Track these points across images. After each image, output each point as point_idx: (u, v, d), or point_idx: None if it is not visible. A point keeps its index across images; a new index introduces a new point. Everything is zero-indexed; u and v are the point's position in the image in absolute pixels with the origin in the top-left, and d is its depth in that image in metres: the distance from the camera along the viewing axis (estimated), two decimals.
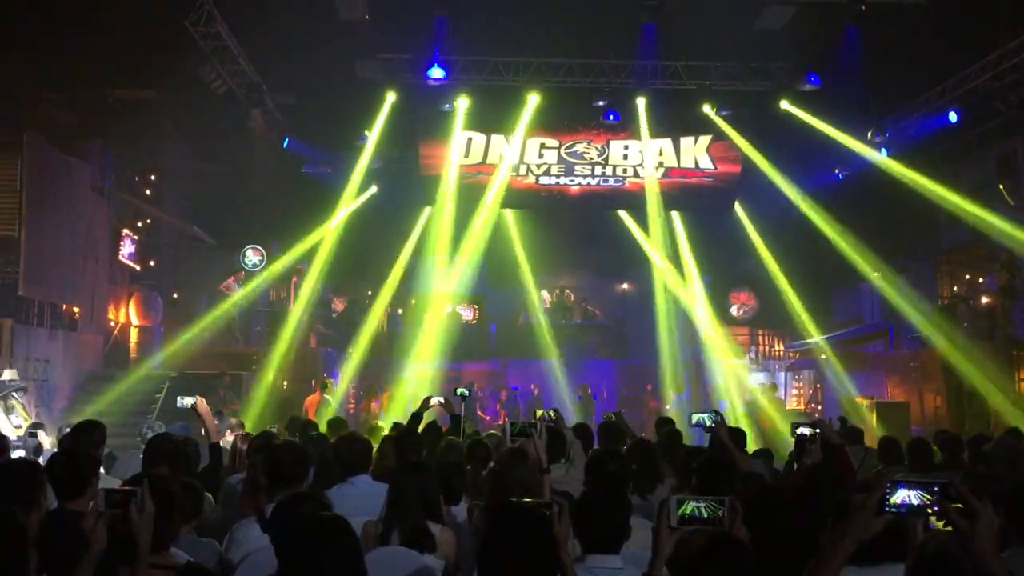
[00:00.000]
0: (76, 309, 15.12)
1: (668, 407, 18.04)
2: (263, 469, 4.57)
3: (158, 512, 3.13)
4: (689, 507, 3.22)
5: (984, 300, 17.28)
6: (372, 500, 4.55)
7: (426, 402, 7.86)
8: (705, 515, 3.19)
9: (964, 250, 18.58)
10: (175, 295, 19.01)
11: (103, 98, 15.93)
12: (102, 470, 5.48)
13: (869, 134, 17.61)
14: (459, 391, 9.00)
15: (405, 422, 8.07)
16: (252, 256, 19.09)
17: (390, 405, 17.29)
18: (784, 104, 17.86)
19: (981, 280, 17.83)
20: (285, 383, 17.18)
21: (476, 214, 20.51)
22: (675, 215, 21.42)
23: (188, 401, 6.62)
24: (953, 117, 16.73)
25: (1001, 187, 17.04)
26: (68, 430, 7.53)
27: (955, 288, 18.81)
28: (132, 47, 13.82)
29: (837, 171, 19.60)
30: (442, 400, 8.12)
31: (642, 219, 20.89)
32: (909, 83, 16.95)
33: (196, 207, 19.57)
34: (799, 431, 5.75)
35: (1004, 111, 16.26)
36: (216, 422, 7.94)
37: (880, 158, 17.93)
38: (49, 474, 4.26)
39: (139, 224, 17.87)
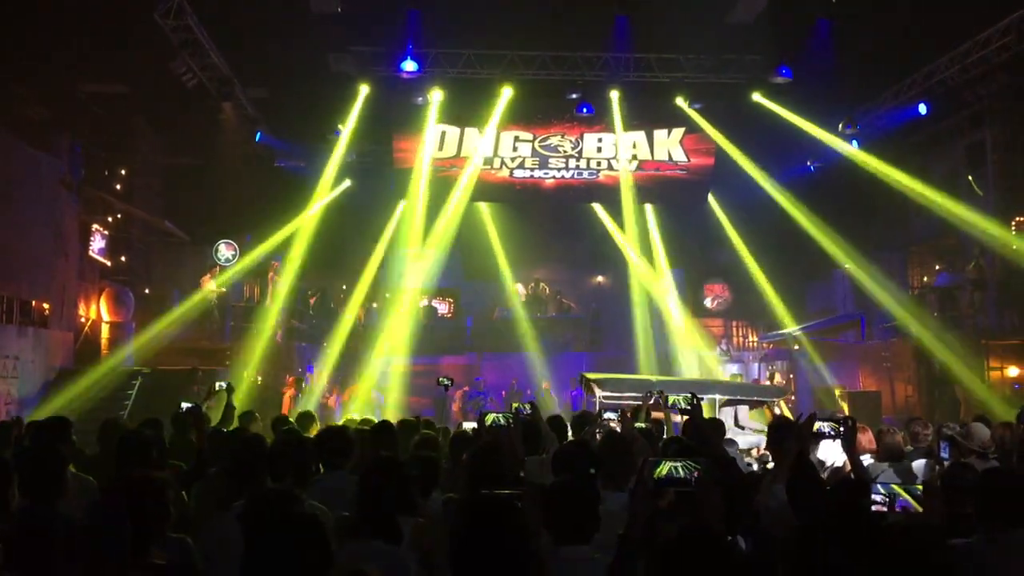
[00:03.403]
0: (46, 305, 14.95)
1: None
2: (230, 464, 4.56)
3: (137, 516, 3.11)
4: (666, 468, 3.24)
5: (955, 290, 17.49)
6: (350, 494, 4.54)
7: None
8: (681, 475, 3.22)
9: (934, 240, 18.80)
10: (147, 290, 18.84)
11: (72, 92, 15.74)
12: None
13: (840, 126, 17.75)
14: (441, 380, 9.07)
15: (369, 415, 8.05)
16: (225, 250, 18.96)
17: (352, 398, 17.31)
18: (756, 96, 17.97)
19: (939, 268, 18.08)
20: (259, 378, 17.10)
21: (450, 207, 20.50)
22: (648, 208, 21.50)
23: (186, 406, 7.05)
24: (923, 109, 16.92)
25: (970, 178, 17.25)
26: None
27: (925, 278, 19.02)
28: (101, 40, 13.67)
29: (809, 163, 19.74)
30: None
31: (616, 212, 20.95)
32: (879, 75, 17.11)
33: (167, 202, 19.40)
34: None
35: (972, 103, 16.46)
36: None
37: (850, 150, 18.08)
38: (19, 474, 4.21)
39: (109, 219, 17.67)
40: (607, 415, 6.88)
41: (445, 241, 21.58)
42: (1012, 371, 15.32)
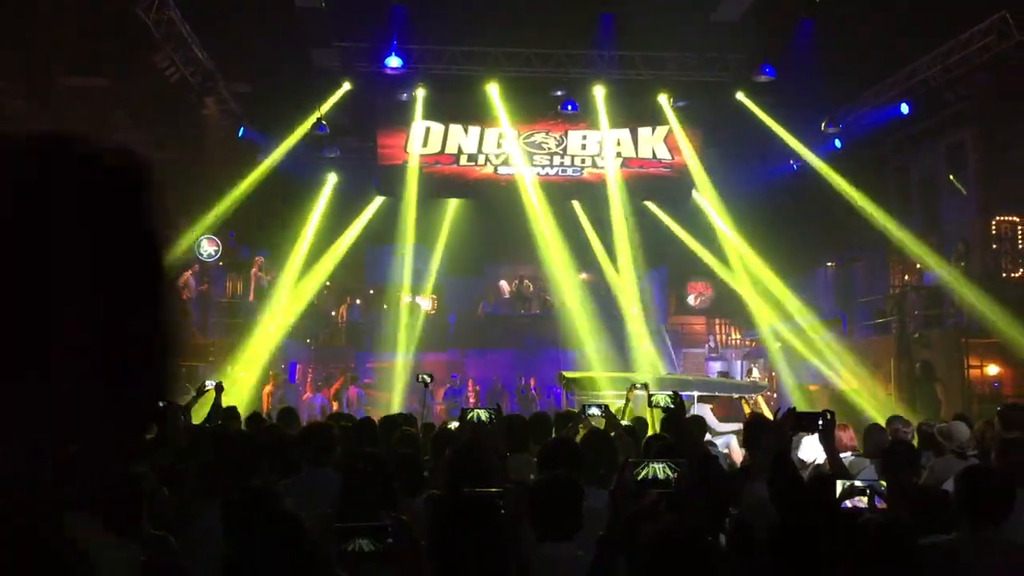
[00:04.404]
0: None
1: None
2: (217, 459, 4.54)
3: (111, 512, 3.09)
4: (646, 470, 3.25)
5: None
6: (333, 491, 4.53)
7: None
8: (662, 477, 3.23)
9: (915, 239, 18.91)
10: None
11: (52, 86, 15.60)
12: None
13: (823, 125, 17.83)
14: (421, 377, 9.06)
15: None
16: (207, 246, 18.85)
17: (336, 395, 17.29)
18: (740, 95, 18.03)
19: (919, 266, 18.19)
20: (243, 374, 17.02)
21: (434, 204, 20.45)
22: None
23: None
24: (904, 109, 17.01)
25: (951, 178, 17.37)
26: None
27: (906, 277, 19.13)
28: (82, 33, 13.54)
29: (792, 162, 19.82)
30: None
31: (598, 210, 20.96)
32: (862, 75, 17.20)
33: None
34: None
35: (954, 102, 16.56)
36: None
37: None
38: None
39: None
40: (591, 411, 6.89)
41: (429, 238, 21.59)
42: (992, 369, 15.45)
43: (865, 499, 4.00)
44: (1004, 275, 16.15)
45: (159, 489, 5.01)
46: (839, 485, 3.97)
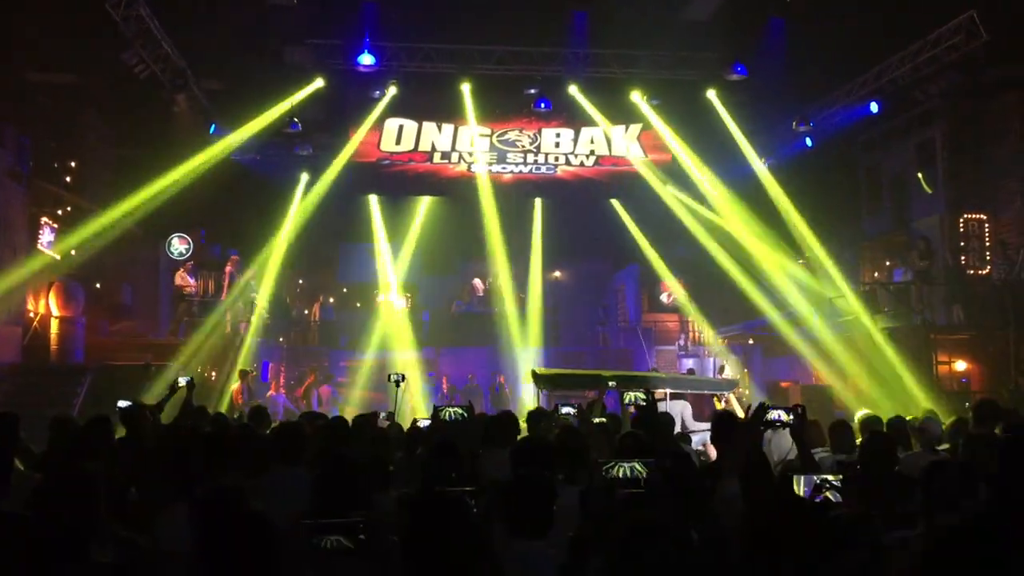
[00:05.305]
0: None
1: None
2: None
3: (68, 512, 3.06)
4: (617, 469, 3.29)
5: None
6: (304, 491, 4.52)
7: None
8: (632, 476, 3.27)
9: (885, 237, 19.11)
10: (97, 285, 18.50)
11: (20, 82, 15.41)
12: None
13: (794, 123, 17.97)
14: (392, 376, 9.04)
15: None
16: (178, 244, 18.71)
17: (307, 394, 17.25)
18: (711, 93, 18.12)
19: (889, 264, 18.37)
20: (213, 373, 16.90)
21: (407, 202, 20.37)
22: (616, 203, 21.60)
23: (123, 404, 6.90)
24: (874, 107, 17.17)
25: (920, 175, 17.56)
26: None
27: (876, 274, 19.31)
28: (50, 29, 13.41)
29: (763, 160, 19.93)
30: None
31: (576, 207, 21.02)
32: (832, 73, 17.34)
33: (119, 194, 19.05)
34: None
35: (923, 101, 16.74)
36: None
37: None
38: None
39: (59, 212, 17.33)
40: (564, 410, 6.90)
41: (403, 236, 21.54)
42: (959, 365, 15.63)
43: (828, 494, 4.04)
44: (971, 272, 16.34)
45: (127, 489, 4.97)
46: (795, 481, 4.00)
